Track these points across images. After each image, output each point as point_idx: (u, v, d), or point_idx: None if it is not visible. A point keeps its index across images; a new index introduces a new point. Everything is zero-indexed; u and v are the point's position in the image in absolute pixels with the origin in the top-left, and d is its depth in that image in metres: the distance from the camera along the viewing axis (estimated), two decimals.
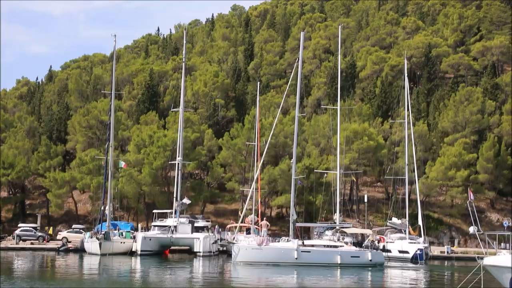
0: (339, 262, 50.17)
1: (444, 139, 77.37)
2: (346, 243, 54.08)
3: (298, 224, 55.30)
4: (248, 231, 61.69)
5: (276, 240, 53.66)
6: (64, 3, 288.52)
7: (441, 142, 77.33)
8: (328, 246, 52.12)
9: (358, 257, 51.35)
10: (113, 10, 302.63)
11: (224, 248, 60.89)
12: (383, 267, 51.12)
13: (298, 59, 57.35)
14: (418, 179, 64.89)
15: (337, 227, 57.14)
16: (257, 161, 67.70)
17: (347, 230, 58.09)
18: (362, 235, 59.38)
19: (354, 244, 54.66)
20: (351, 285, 39.35)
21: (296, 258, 49.85)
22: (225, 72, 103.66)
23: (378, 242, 58.86)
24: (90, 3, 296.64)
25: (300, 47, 58.88)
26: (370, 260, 51.05)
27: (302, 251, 50.30)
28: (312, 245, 51.92)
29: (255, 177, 57.74)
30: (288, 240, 52.34)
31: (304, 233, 68.17)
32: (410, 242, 59.79)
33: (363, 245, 53.81)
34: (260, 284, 38.21)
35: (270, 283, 38.50)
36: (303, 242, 51.94)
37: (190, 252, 60.10)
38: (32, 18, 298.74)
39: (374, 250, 52.47)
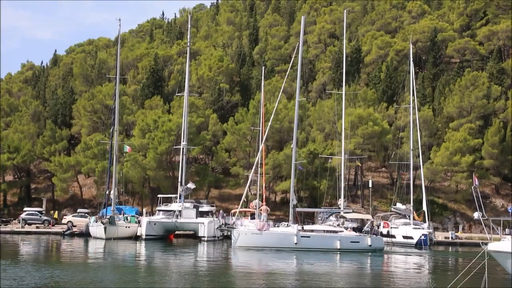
0: (338, 247, 50.33)
1: (449, 124, 77.15)
2: (346, 228, 54.22)
3: (298, 209, 55.42)
4: (252, 216, 61.81)
5: (276, 225, 53.63)
6: None
7: (446, 128, 77.13)
8: (327, 231, 52.24)
9: (358, 242, 51.47)
10: None
11: (228, 233, 61.05)
12: (383, 252, 51.18)
13: (299, 44, 57.23)
14: (423, 165, 64.80)
15: (338, 213, 57.18)
16: (261, 145, 67.69)
17: (348, 216, 58.24)
18: (363, 220, 59.50)
19: (354, 229, 54.79)
20: (350, 270, 39.33)
21: (296, 243, 49.99)
22: (230, 56, 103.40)
23: (378, 227, 58.97)
24: None
25: (300, 32, 58.69)
26: (370, 246, 51.18)
27: (301, 236, 50.42)
28: (312, 230, 52.01)
29: (255, 162, 57.48)
30: (288, 225, 52.40)
31: (309, 219, 68.41)
32: (415, 228, 59.87)
33: (363, 230, 53.92)
34: (259, 269, 38.20)
35: (268, 268, 38.50)
36: (302, 227, 52.01)
37: (194, 237, 60.28)
38: (37, 3, 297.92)
39: (374, 236, 52.51)
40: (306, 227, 53.00)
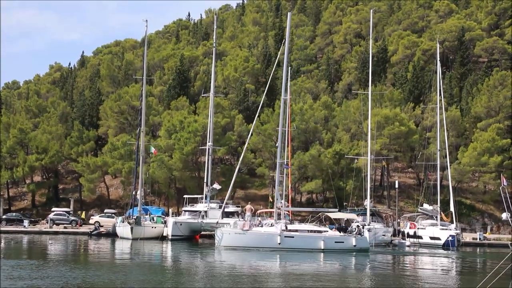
0: (322, 248, 49.71)
1: (477, 124, 76.22)
2: (331, 228, 53.88)
3: (284, 209, 54.99)
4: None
5: (260, 225, 53.19)
6: None
7: (474, 128, 76.22)
8: (311, 231, 51.65)
9: (342, 242, 50.81)
10: None
11: None
12: (368, 252, 50.47)
13: (285, 40, 57.21)
14: (450, 165, 64.15)
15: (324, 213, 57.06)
16: (287, 146, 67.65)
17: (332, 215, 57.82)
18: (347, 220, 59.24)
19: (338, 229, 54.46)
20: (332, 271, 38.71)
21: (279, 243, 49.49)
22: (256, 57, 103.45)
23: (363, 227, 58.71)
24: None
25: (287, 29, 58.66)
26: (355, 246, 50.46)
27: (285, 236, 49.85)
28: (296, 230, 51.32)
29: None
30: (271, 225, 52.01)
31: (336, 220, 68.15)
32: (442, 229, 59.32)
33: (348, 230, 53.48)
34: (242, 269, 37.56)
35: (250, 268, 37.95)
36: (286, 227, 51.25)
37: None
38: (64, 5, 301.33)
39: (359, 236, 51.96)
40: (290, 226, 52.00)
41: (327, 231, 52.11)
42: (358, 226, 54.63)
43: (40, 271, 32.12)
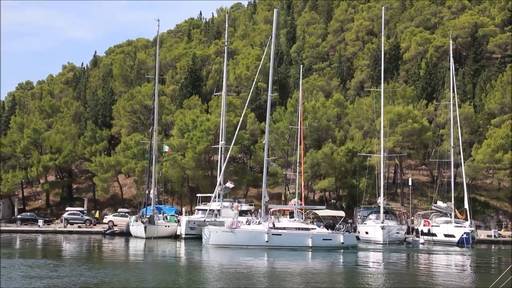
0: (310, 245, 49.51)
1: (491, 121, 75.70)
2: (319, 225, 53.61)
3: (270, 206, 54.94)
4: (291, 214, 61.69)
5: (247, 223, 52.99)
6: None
7: (487, 124, 75.72)
8: (299, 228, 51.46)
9: (330, 239, 50.66)
10: None
11: None
12: (356, 249, 50.27)
13: (271, 37, 57.21)
14: (464, 162, 63.79)
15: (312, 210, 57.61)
16: (299, 144, 67.61)
17: (319, 212, 57.72)
18: (334, 217, 59.16)
19: (326, 226, 54.09)
20: (319, 268, 38.46)
21: (267, 241, 49.28)
22: (267, 55, 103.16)
23: (351, 225, 58.44)
24: None
25: (273, 26, 58.67)
26: (342, 243, 50.24)
27: (273, 234, 49.64)
28: (284, 228, 51.09)
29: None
30: (259, 223, 51.90)
31: (349, 218, 68.13)
32: (456, 226, 59.05)
33: (335, 227, 53.16)
34: (230, 267, 37.38)
35: (238, 267, 37.80)
36: (273, 225, 51.03)
37: None
38: (76, 4, 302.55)
39: (347, 233, 51.76)
40: (277, 224, 51.73)
41: (315, 228, 51.99)
42: (346, 223, 54.53)
43: (57, 271, 32.30)
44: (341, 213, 58.25)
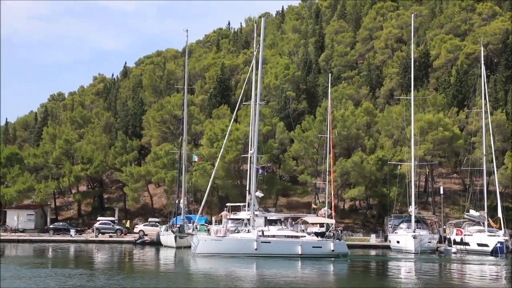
0: (300, 253, 48.77)
1: None
2: (309, 233, 53.02)
3: (260, 215, 54.26)
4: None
5: (236, 231, 52.26)
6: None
7: None
8: (289, 236, 50.74)
9: (320, 247, 49.85)
10: (184, 5, 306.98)
11: None
12: (347, 257, 49.38)
13: (259, 45, 56.93)
14: (497, 170, 62.84)
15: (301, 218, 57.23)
16: (329, 153, 67.33)
17: (309, 220, 57.12)
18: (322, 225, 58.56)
19: (316, 234, 53.39)
20: (307, 276, 37.94)
21: (256, 249, 48.61)
22: (296, 64, 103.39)
23: (341, 232, 57.53)
24: None
25: (261, 34, 58.49)
26: (333, 250, 49.43)
27: (262, 242, 48.97)
28: (273, 236, 50.35)
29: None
30: (248, 231, 51.34)
31: (379, 227, 67.56)
32: (490, 235, 58.13)
33: (325, 235, 52.50)
34: (218, 275, 37.08)
35: (226, 275, 37.49)
36: (263, 233, 50.29)
37: None
38: (106, 16, 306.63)
39: (337, 240, 50.79)
40: (266, 232, 51.00)
41: (305, 236, 51.46)
42: (337, 230, 54.01)
43: (94, 280, 32.42)
44: (331, 220, 57.76)
